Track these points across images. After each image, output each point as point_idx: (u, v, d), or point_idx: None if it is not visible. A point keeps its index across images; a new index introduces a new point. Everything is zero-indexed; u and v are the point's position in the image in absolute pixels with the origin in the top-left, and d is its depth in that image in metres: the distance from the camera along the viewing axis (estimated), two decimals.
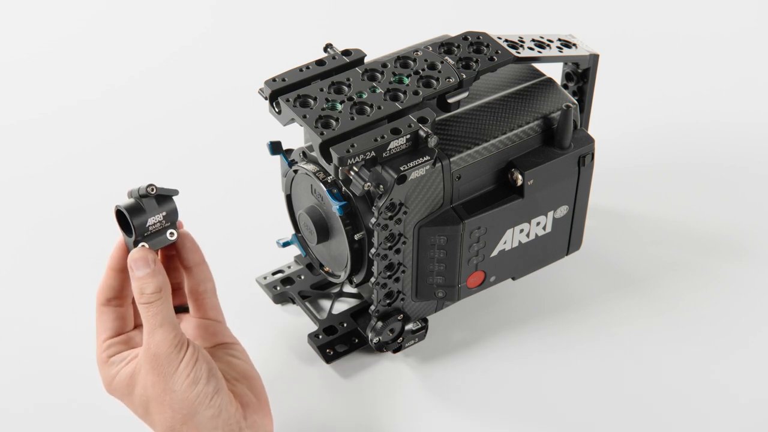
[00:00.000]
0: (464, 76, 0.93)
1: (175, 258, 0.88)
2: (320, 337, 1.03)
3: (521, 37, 1.00)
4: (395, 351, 1.01)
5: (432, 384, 1.00)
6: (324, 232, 0.97)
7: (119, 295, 0.86)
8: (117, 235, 1.14)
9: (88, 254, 1.13)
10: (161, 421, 0.81)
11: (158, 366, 0.79)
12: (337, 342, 1.03)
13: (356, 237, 0.93)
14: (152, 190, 0.83)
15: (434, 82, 0.92)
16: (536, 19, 1.45)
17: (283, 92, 0.92)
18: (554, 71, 1.03)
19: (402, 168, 0.87)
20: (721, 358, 1.03)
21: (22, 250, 1.14)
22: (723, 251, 1.13)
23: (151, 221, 0.84)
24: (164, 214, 0.85)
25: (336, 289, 1.07)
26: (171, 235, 0.86)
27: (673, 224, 1.16)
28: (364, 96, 0.91)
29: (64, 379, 1.00)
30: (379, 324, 0.97)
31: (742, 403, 0.99)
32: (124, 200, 0.84)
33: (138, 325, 0.88)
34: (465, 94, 0.94)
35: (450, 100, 0.94)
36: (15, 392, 1.00)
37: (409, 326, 1.00)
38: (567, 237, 1.02)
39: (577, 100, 1.06)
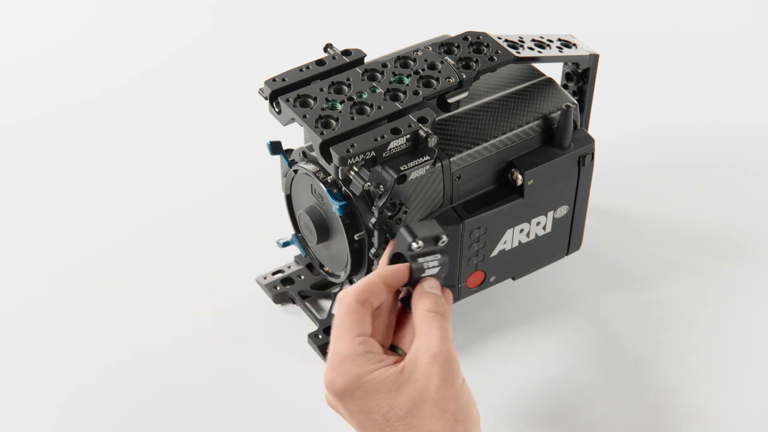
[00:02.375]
0: (464, 76, 0.93)
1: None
2: (320, 337, 1.03)
3: (521, 37, 1.00)
4: None
5: None
6: (324, 232, 0.96)
7: (385, 308, 0.84)
8: (117, 234, 1.15)
9: (88, 254, 1.13)
10: (436, 426, 0.79)
11: (451, 374, 0.78)
12: None
13: (356, 237, 0.93)
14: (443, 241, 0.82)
15: (434, 82, 0.92)
16: (536, 19, 1.45)
17: (283, 92, 0.92)
18: (554, 71, 1.03)
19: (402, 168, 0.87)
20: (721, 359, 1.02)
21: (22, 250, 1.14)
22: (723, 251, 1.13)
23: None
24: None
25: (336, 289, 1.07)
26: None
27: (673, 224, 1.16)
28: (364, 96, 0.91)
29: (64, 379, 1.00)
30: None
31: (742, 403, 0.99)
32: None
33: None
34: (465, 94, 0.94)
35: (450, 100, 0.94)
36: (14, 392, 1.00)
37: None
38: (567, 237, 1.02)
39: (577, 100, 1.06)
